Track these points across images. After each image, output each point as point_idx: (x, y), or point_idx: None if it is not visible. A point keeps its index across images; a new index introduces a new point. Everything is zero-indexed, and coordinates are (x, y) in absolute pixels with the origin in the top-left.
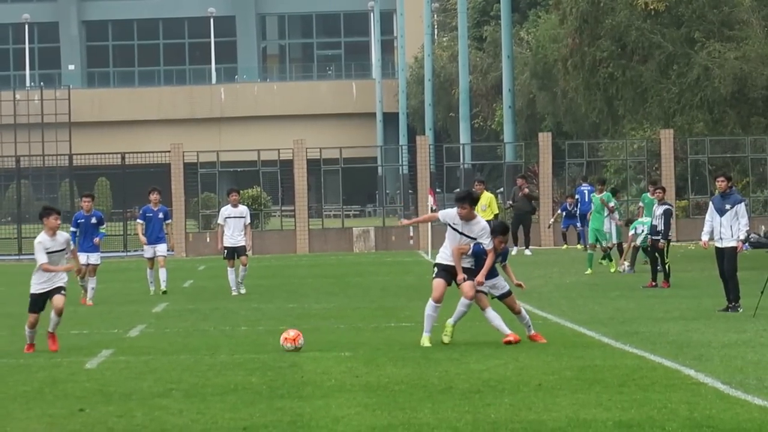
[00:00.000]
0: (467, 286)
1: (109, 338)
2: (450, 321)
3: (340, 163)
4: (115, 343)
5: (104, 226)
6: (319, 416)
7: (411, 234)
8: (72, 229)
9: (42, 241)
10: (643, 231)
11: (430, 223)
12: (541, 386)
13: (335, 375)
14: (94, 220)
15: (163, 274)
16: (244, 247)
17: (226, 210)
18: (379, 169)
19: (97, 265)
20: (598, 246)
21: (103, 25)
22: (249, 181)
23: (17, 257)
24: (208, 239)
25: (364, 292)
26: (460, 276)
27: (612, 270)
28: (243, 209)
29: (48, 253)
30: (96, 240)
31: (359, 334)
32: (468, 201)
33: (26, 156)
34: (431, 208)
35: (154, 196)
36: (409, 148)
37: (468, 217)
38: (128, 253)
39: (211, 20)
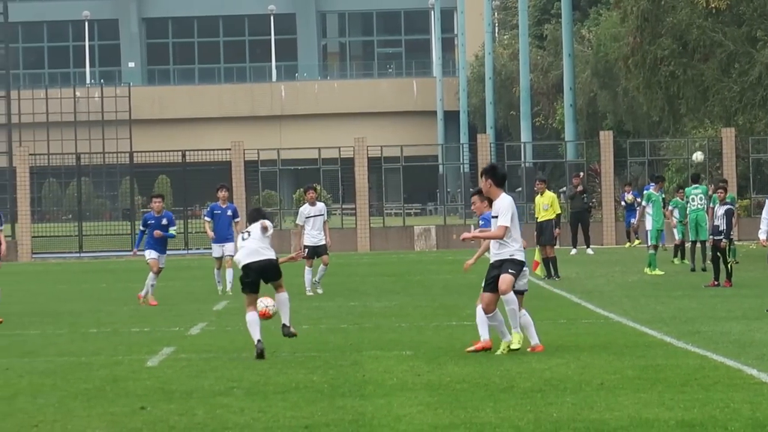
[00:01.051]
0: (504, 282)
1: (170, 336)
2: (510, 335)
3: (401, 161)
4: (177, 341)
5: (175, 227)
6: (380, 415)
7: None
8: (141, 228)
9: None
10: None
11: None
12: (603, 385)
13: (397, 373)
14: (164, 221)
15: (229, 274)
16: (325, 245)
17: (306, 209)
18: (440, 168)
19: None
20: (660, 245)
21: (163, 22)
22: (309, 179)
23: (78, 254)
24: None
25: (426, 290)
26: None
27: (655, 272)
28: (321, 206)
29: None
30: (156, 232)
31: (421, 332)
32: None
33: (86, 153)
34: None
35: (222, 194)
36: (470, 147)
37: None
38: (189, 251)
39: (272, 18)
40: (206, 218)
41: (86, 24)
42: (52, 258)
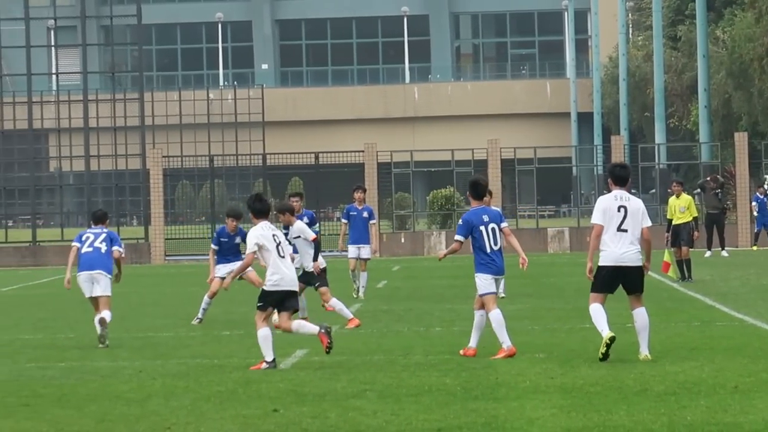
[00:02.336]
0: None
1: (302, 338)
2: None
3: (535, 163)
4: (309, 343)
5: (316, 225)
6: (513, 418)
7: None
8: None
9: None
10: None
11: None
12: (738, 388)
13: (530, 376)
14: (306, 220)
15: (363, 278)
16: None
17: None
18: (574, 170)
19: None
20: None
21: (296, 24)
22: (443, 181)
23: None
24: (402, 239)
25: (559, 292)
26: None
27: None
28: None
29: None
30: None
31: (554, 335)
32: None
33: (220, 155)
34: None
35: (358, 195)
36: (603, 148)
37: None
38: (323, 253)
39: (405, 19)
40: (343, 220)
41: (219, 26)
42: (186, 260)
